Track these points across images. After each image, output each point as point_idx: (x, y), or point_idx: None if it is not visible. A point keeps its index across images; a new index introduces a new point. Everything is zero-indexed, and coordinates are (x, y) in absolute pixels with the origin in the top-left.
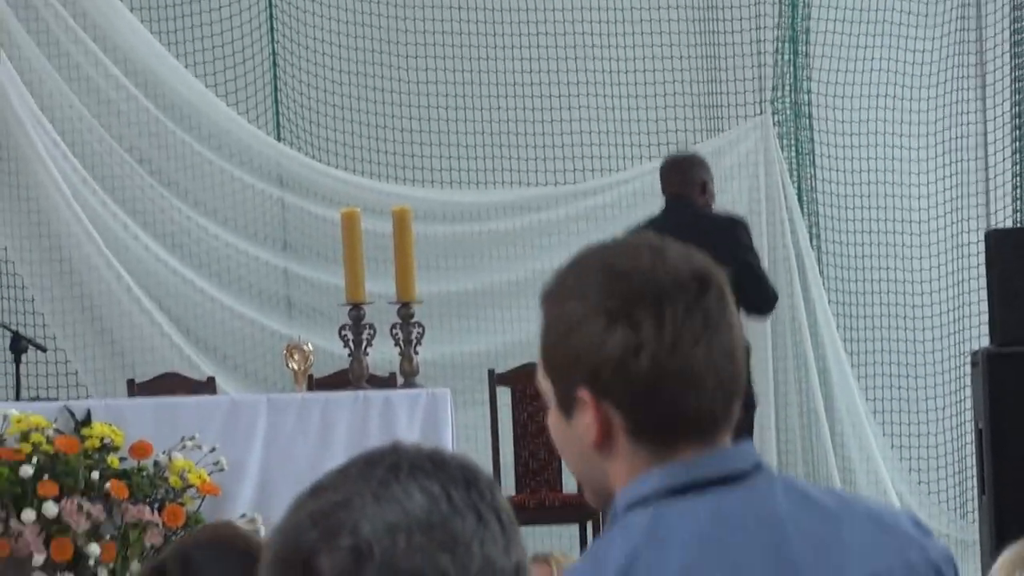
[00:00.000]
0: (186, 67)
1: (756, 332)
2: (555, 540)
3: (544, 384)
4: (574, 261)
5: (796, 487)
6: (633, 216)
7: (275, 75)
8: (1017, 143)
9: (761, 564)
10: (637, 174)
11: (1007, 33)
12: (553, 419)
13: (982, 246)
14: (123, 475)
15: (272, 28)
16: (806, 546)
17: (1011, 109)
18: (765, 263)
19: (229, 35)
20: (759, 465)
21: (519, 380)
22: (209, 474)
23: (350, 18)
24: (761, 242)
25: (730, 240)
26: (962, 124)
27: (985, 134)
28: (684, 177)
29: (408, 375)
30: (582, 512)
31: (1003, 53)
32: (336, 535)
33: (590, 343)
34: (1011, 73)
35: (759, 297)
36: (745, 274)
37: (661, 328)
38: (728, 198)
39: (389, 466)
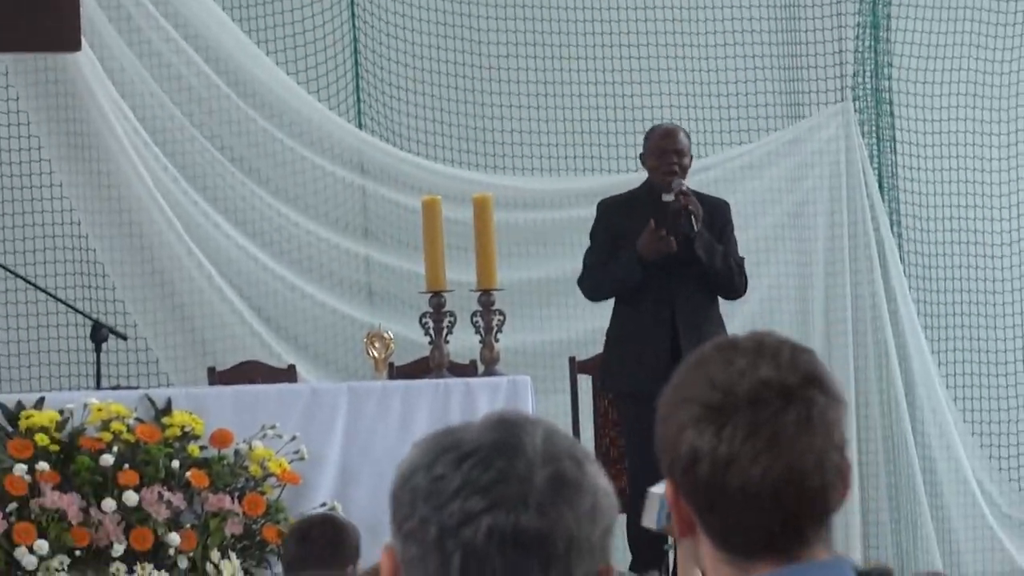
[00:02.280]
0: (267, 54)
1: (837, 317)
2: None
3: None
4: (696, 352)
5: None
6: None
7: (356, 62)
8: None
9: None
10: (718, 161)
11: None
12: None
13: None
14: (203, 464)
15: (353, 14)
16: None
17: None
18: (845, 249)
19: (311, 22)
20: None
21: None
22: (289, 463)
23: (431, 4)
24: (843, 229)
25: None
26: None
27: None
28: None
29: (489, 363)
30: None
31: None
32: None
33: (670, 440)
34: None
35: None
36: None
37: (719, 443)
38: (809, 184)
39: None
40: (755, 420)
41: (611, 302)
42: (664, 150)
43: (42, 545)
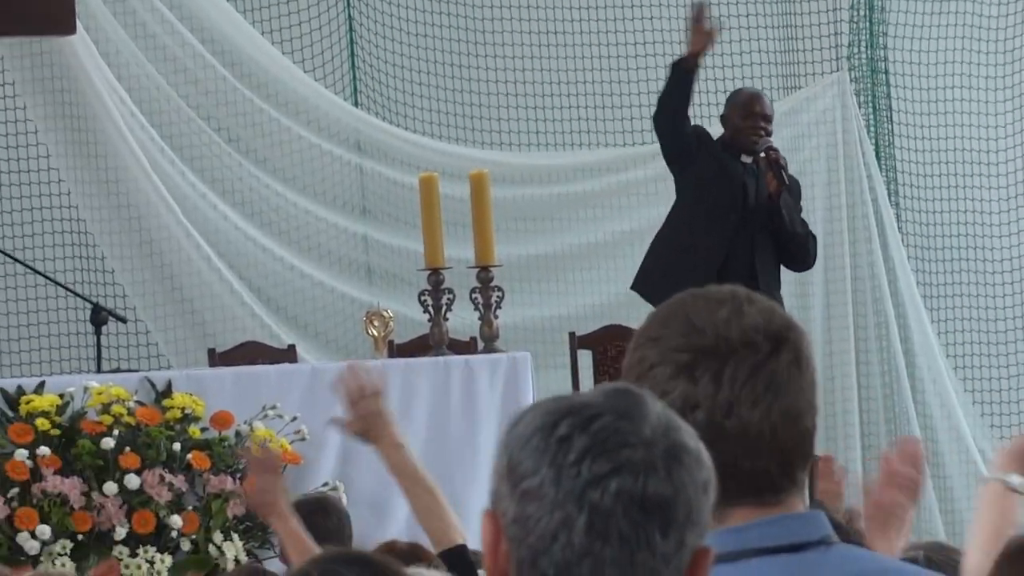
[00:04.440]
0: (262, 34)
1: (837, 288)
2: None
3: None
4: (663, 306)
5: (852, 561)
6: None
7: (351, 40)
8: None
9: None
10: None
11: None
12: None
13: None
14: (204, 446)
15: None
16: None
17: None
18: (843, 220)
19: (304, 1)
20: (827, 538)
21: (600, 342)
22: (291, 443)
23: None
24: (840, 200)
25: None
26: None
27: None
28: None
29: (488, 339)
30: None
31: None
32: None
33: (657, 391)
34: None
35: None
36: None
37: (719, 388)
38: (806, 155)
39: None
40: (753, 363)
41: (614, 271)
42: (752, 112)
43: (44, 530)
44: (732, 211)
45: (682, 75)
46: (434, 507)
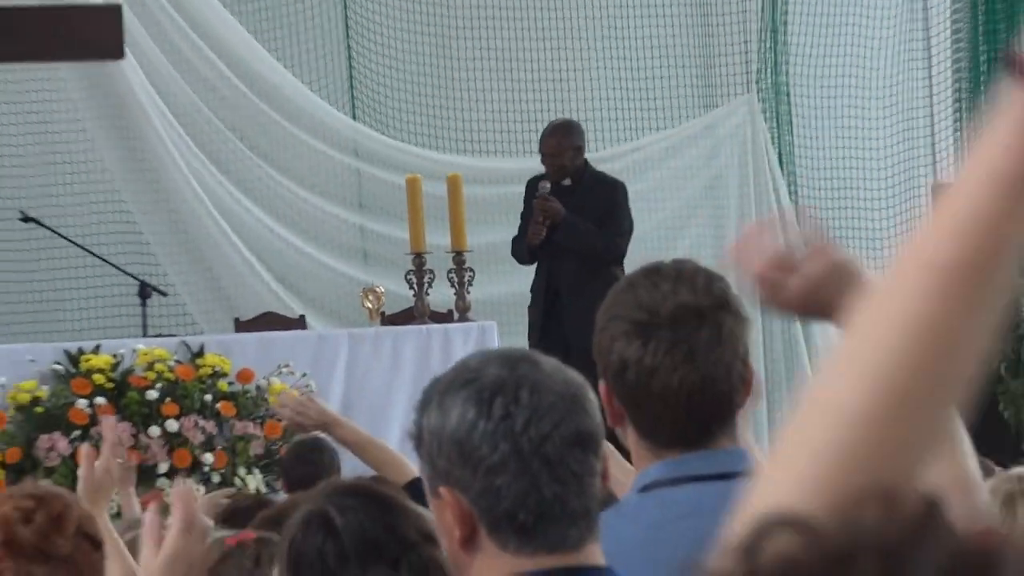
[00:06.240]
0: (277, 60)
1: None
2: None
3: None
4: (623, 279)
5: None
6: (640, 180)
7: (350, 63)
8: (957, 114)
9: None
10: (646, 143)
11: (948, 22)
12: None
13: (929, 195)
14: (231, 397)
15: (347, 26)
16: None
17: (952, 86)
18: (752, 215)
19: (309, 33)
20: (748, 471)
21: None
22: (301, 395)
23: (413, 15)
24: (750, 198)
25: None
26: (913, 97)
27: (931, 105)
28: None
29: (462, 311)
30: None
31: (944, 39)
32: None
33: (604, 347)
34: (952, 55)
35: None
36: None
37: (644, 354)
38: (722, 162)
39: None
40: (674, 337)
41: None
42: (543, 152)
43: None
44: (543, 244)
45: (524, 252)
46: (385, 457)
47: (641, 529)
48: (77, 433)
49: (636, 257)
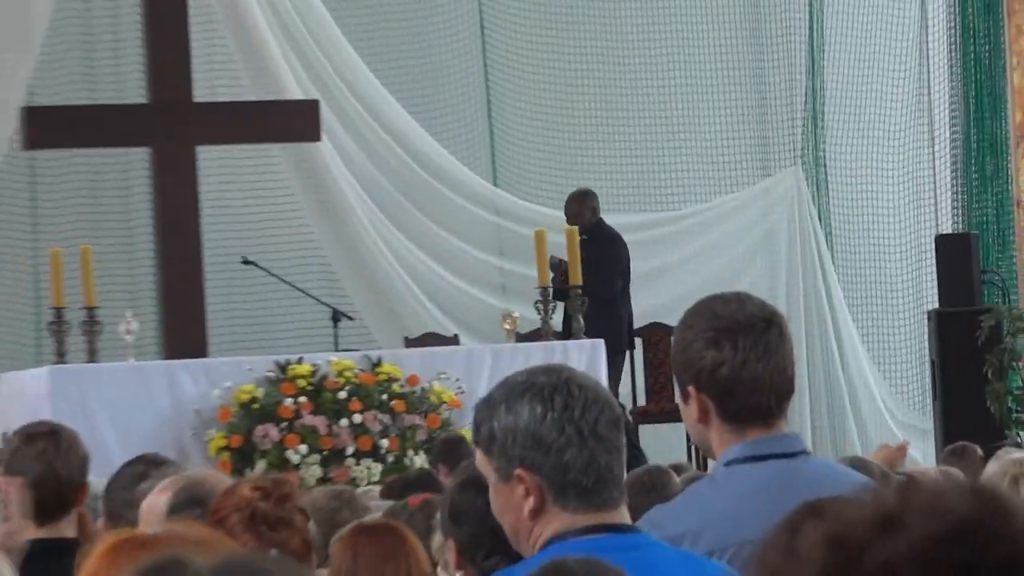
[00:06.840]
0: (432, 136)
1: (793, 309)
2: (673, 432)
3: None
4: (695, 305)
5: (825, 463)
6: (710, 232)
7: (492, 138)
8: (954, 181)
9: (777, 503)
10: (713, 205)
11: (947, 110)
12: (681, 405)
13: (934, 245)
14: (402, 396)
15: (489, 105)
16: (813, 490)
17: (950, 157)
18: (798, 264)
19: (456, 110)
20: (806, 450)
21: (648, 334)
22: (455, 395)
23: (553, 86)
24: (797, 250)
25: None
26: (919, 168)
27: (934, 174)
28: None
29: (576, 332)
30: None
31: (943, 123)
32: None
33: (695, 356)
34: (950, 135)
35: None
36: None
37: (735, 352)
38: (774, 219)
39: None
40: (754, 337)
41: (658, 292)
42: (567, 214)
43: (302, 449)
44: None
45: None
46: None
47: (732, 500)
48: (285, 424)
49: (703, 295)
